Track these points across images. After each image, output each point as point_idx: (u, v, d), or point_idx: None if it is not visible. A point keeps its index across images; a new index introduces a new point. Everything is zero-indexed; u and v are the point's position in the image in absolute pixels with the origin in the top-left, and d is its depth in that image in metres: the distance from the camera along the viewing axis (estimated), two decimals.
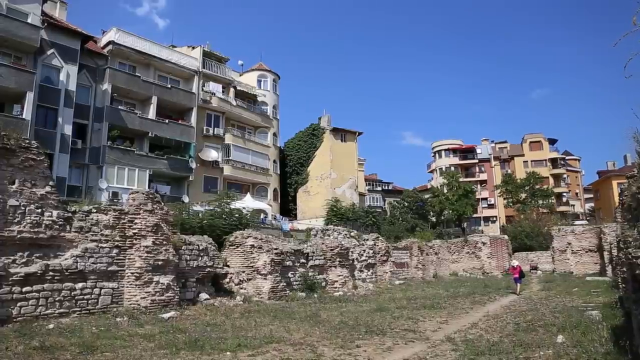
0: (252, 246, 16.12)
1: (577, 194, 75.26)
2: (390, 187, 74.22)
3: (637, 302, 5.67)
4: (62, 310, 10.25)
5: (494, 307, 14.08)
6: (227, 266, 15.67)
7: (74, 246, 10.87)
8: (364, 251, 22.81)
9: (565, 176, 71.91)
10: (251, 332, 9.17)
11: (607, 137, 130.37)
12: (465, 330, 9.87)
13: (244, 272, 15.86)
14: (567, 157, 77.27)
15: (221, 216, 19.17)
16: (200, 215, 20.10)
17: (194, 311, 12.11)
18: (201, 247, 14.36)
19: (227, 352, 7.44)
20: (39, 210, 10.33)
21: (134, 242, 12.03)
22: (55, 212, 10.63)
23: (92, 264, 11.05)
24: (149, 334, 8.71)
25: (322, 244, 19.98)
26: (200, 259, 14.19)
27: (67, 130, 28.32)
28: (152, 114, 33.98)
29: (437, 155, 75.47)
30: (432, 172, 76.93)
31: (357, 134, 50.24)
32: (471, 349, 7.71)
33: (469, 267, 33.31)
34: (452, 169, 67.71)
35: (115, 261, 11.59)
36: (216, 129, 38.68)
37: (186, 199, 32.13)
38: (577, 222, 49.40)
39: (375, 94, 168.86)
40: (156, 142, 34.08)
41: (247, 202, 30.56)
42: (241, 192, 36.45)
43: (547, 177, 65.51)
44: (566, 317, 10.63)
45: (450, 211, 56.03)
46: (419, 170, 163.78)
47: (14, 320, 9.34)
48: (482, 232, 51.69)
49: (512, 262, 21.54)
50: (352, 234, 24.53)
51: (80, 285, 10.74)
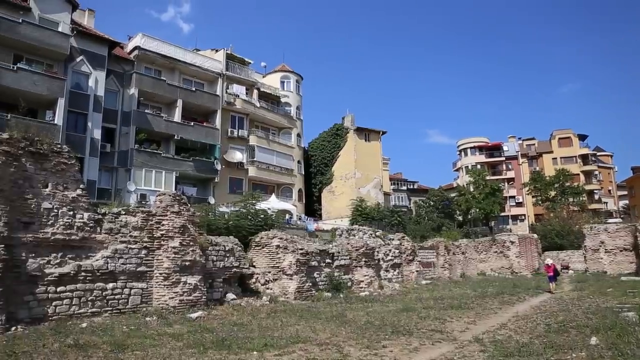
0: (278, 246, 16.20)
1: (609, 191, 73.01)
2: (415, 186, 73.58)
3: None
4: (94, 309, 10.52)
5: (523, 308, 13.78)
6: (253, 266, 15.80)
7: (104, 247, 11.13)
8: (390, 251, 22.65)
9: (596, 173, 69.87)
10: (277, 332, 9.21)
11: None
12: (493, 331, 9.68)
13: (269, 272, 15.96)
14: (599, 154, 75.11)
15: (247, 217, 19.31)
16: (226, 216, 20.29)
17: (221, 311, 12.24)
18: (227, 248, 14.51)
19: (254, 352, 7.48)
20: (71, 212, 10.62)
21: (162, 243, 12.24)
22: (86, 214, 10.91)
23: (122, 264, 11.30)
24: (178, 334, 8.84)
25: (348, 244, 19.95)
26: (226, 259, 14.34)
27: (97, 134, 29.04)
28: (177, 116, 34.53)
29: (462, 153, 74.44)
30: (457, 170, 75.92)
31: (381, 133, 49.95)
32: (500, 350, 7.56)
33: (497, 267, 32.73)
34: (479, 167, 66.64)
35: (144, 262, 11.82)
36: (240, 130, 39.04)
37: (212, 200, 32.52)
38: (610, 220, 47.94)
39: (399, 93, 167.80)
40: (182, 144, 34.61)
41: (272, 203, 30.73)
42: (266, 193, 36.68)
43: (578, 174, 63.84)
44: (600, 319, 10.31)
45: (477, 210, 55.12)
46: (444, 168, 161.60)
47: (50, 318, 9.67)
48: (510, 231, 50.69)
49: (547, 261, 21.05)
50: (377, 233, 24.42)
51: (111, 285, 11.00)
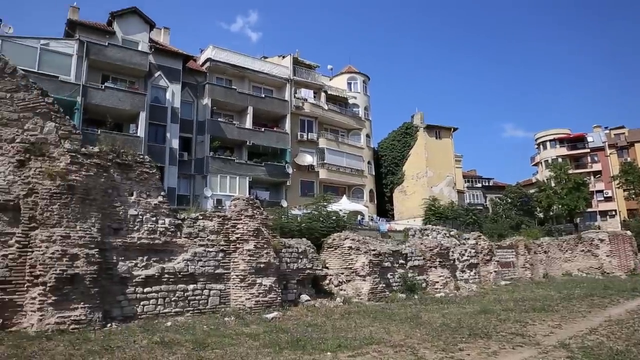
0: (350, 248, 16.22)
1: None
2: (491, 183, 70.55)
3: None
4: (177, 309, 11.13)
5: (617, 311, 12.71)
6: (326, 268, 15.93)
7: (185, 250, 11.75)
8: (465, 251, 21.91)
9: None
10: (351, 333, 9.22)
11: None
12: (582, 336, 9.03)
13: (342, 273, 16.02)
14: None
15: (318, 219, 19.51)
16: (298, 218, 20.63)
17: (296, 312, 12.46)
18: (300, 250, 14.76)
19: (328, 353, 7.54)
20: (154, 218, 11.33)
21: (237, 246, 12.70)
22: (167, 220, 11.59)
23: (201, 267, 11.86)
24: (254, 333, 9.11)
25: (421, 244, 19.55)
26: (299, 261, 14.59)
27: (175, 144, 30.76)
28: (248, 123, 35.69)
29: (541, 146, 70.27)
30: (536, 165, 71.77)
31: (452, 129, 48.54)
32: (590, 357, 7.04)
33: (585, 267, 30.47)
34: (560, 160, 62.48)
35: (221, 264, 12.33)
36: (310, 133, 39.58)
37: (284, 204, 33.22)
38: None
39: (470, 88, 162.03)
40: (254, 150, 35.71)
41: (343, 204, 30.84)
42: (337, 195, 36.89)
43: None
44: None
45: (559, 206, 51.77)
46: (521, 163, 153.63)
47: (139, 317, 10.38)
48: (598, 228, 47.05)
49: None
50: (451, 233, 23.73)
51: (191, 286, 11.59)
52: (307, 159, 38.66)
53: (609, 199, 62.88)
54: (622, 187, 56.00)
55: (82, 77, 27.22)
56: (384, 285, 16.32)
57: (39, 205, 9.49)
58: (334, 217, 20.16)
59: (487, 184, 70.07)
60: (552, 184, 53.19)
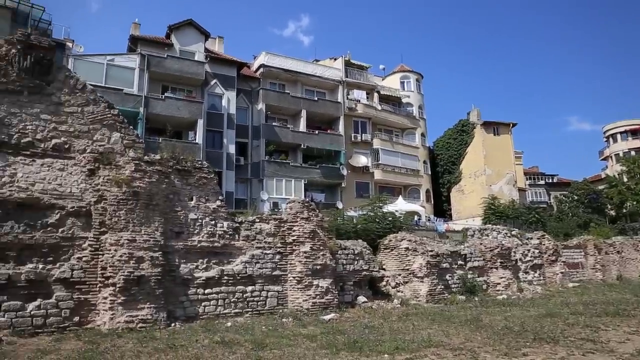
0: (407, 249, 16.01)
1: None
2: (554, 180, 67.05)
3: None
4: (236, 310, 11.46)
5: None
6: (383, 269, 15.81)
7: (243, 253, 12.07)
8: (528, 251, 21.02)
9: None
10: (409, 336, 9.09)
11: None
12: None
13: (399, 275, 15.83)
14: None
15: (374, 220, 19.41)
16: (354, 220, 20.62)
17: (353, 313, 12.45)
18: (356, 251, 14.74)
19: (385, 355, 7.48)
20: (213, 222, 11.73)
21: (294, 248, 12.88)
22: (225, 223, 11.96)
23: (259, 269, 12.14)
24: (311, 335, 9.20)
25: (480, 244, 18.98)
26: (356, 262, 14.57)
27: (231, 149, 31.66)
28: (302, 126, 36.10)
29: (611, 139, 66.05)
30: (605, 159, 67.53)
31: (511, 125, 46.71)
32: None
33: None
34: (633, 153, 58.49)
35: (278, 266, 12.56)
36: (363, 134, 39.45)
37: (340, 205, 33.27)
38: None
39: (528, 81, 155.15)
40: (308, 152, 36.06)
41: (399, 205, 30.46)
42: (393, 195, 36.48)
43: None
44: None
45: (634, 203, 48.42)
46: (589, 158, 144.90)
47: (200, 317, 10.78)
48: None
49: None
50: (513, 232, 22.85)
51: (250, 288, 11.88)
52: (362, 160, 38.55)
53: None
54: None
55: (144, 88, 28.68)
56: (443, 286, 15.97)
57: (108, 210, 10.10)
58: (390, 218, 19.99)
59: (550, 181, 66.64)
60: (625, 179, 49.87)
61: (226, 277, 11.51)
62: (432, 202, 43.33)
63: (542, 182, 65.19)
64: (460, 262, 17.52)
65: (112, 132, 10.79)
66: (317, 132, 36.55)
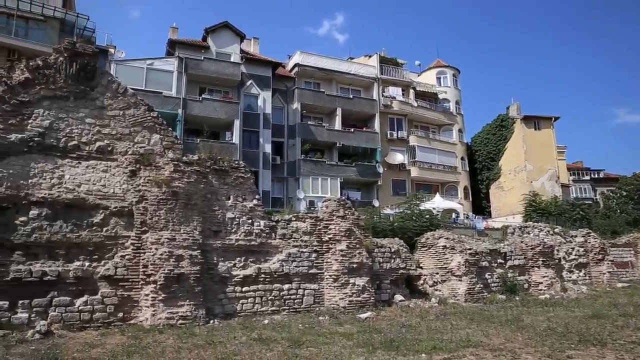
0: (445, 247, 15.77)
1: None
2: (601, 175, 64.35)
3: None
4: (273, 308, 11.61)
5: None
6: (420, 268, 15.64)
7: (279, 251, 12.21)
8: (573, 249, 20.31)
9: None
10: (447, 335, 8.95)
11: None
12: None
13: (437, 273, 15.61)
14: None
15: (411, 218, 19.23)
16: (390, 218, 20.48)
17: (389, 312, 12.37)
18: (393, 250, 14.64)
19: (422, 354, 7.40)
20: (250, 221, 11.92)
21: (330, 246, 12.92)
22: (262, 222, 12.13)
23: (295, 267, 12.25)
24: (348, 333, 9.20)
25: (521, 242, 18.47)
26: (392, 261, 14.47)
27: (267, 148, 32.00)
28: (337, 125, 36.06)
29: None
30: None
31: (552, 119, 45.13)
32: None
33: None
34: None
35: (314, 264, 12.63)
36: (399, 132, 39.05)
37: (376, 203, 33.09)
38: None
39: (571, 72, 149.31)
40: (344, 151, 35.98)
41: (436, 203, 30.06)
42: (430, 193, 35.99)
43: None
44: None
45: None
46: (639, 152, 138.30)
47: (238, 314, 11.00)
48: None
49: None
50: (555, 230, 22.07)
51: (286, 286, 12.01)
52: (398, 158, 38.17)
53: None
54: None
55: (182, 90, 29.37)
56: (482, 285, 15.64)
57: (149, 210, 10.43)
58: (427, 216, 19.76)
59: (596, 176, 64.01)
60: None
61: (263, 275, 11.67)
62: (470, 200, 42.45)
63: (587, 177, 62.74)
64: (500, 260, 17.12)
65: (152, 134, 11.12)
66: (352, 130, 36.42)
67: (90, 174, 10.18)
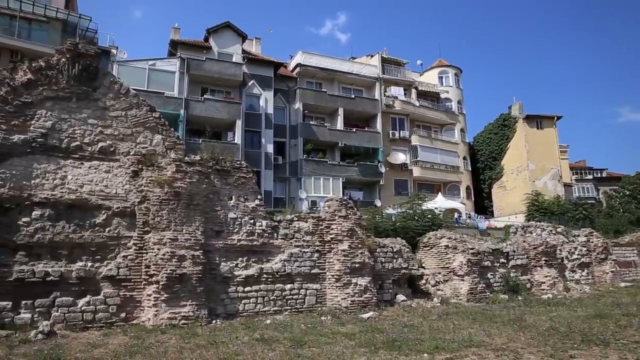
0: (447, 247, 15.75)
1: None
2: (603, 174, 64.14)
3: None
4: (275, 308, 11.61)
5: None
6: (422, 267, 15.63)
7: (281, 251, 12.21)
8: (575, 249, 20.27)
9: None
10: (449, 335, 8.95)
11: None
12: None
13: (439, 273, 15.60)
14: None
15: (413, 218, 19.23)
16: (392, 218, 20.47)
17: (392, 312, 12.36)
18: (395, 249, 14.63)
19: (425, 354, 7.39)
20: (252, 221, 11.93)
21: (332, 246, 12.91)
22: (264, 222, 12.13)
23: (297, 267, 12.25)
24: (350, 333, 9.20)
25: (524, 242, 18.43)
26: (394, 260, 14.46)
27: (269, 148, 32.03)
28: (339, 124, 36.08)
29: None
30: None
31: (555, 118, 45.08)
32: None
33: None
34: None
35: (316, 264, 12.63)
36: (401, 131, 39.07)
37: (378, 203, 33.11)
38: None
39: (574, 72, 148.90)
40: (346, 150, 36.01)
41: (439, 202, 30.05)
42: (432, 192, 36.01)
43: None
44: None
45: None
46: None
47: (240, 314, 11.01)
48: None
49: None
50: (558, 229, 22.01)
51: (288, 286, 12.01)
52: (400, 158, 38.19)
53: None
54: None
55: (184, 91, 29.44)
56: (484, 285, 15.63)
57: (151, 210, 10.45)
58: (429, 216, 19.76)
59: (599, 175, 63.80)
60: None
61: (265, 276, 11.68)
62: (473, 199, 42.42)
63: (589, 176, 62.58)
64: (502, 260, 17.09)
65: (154, 134, 11.14)
66: (354, 130, 36.44)
67: (92, 175, 10.20)
